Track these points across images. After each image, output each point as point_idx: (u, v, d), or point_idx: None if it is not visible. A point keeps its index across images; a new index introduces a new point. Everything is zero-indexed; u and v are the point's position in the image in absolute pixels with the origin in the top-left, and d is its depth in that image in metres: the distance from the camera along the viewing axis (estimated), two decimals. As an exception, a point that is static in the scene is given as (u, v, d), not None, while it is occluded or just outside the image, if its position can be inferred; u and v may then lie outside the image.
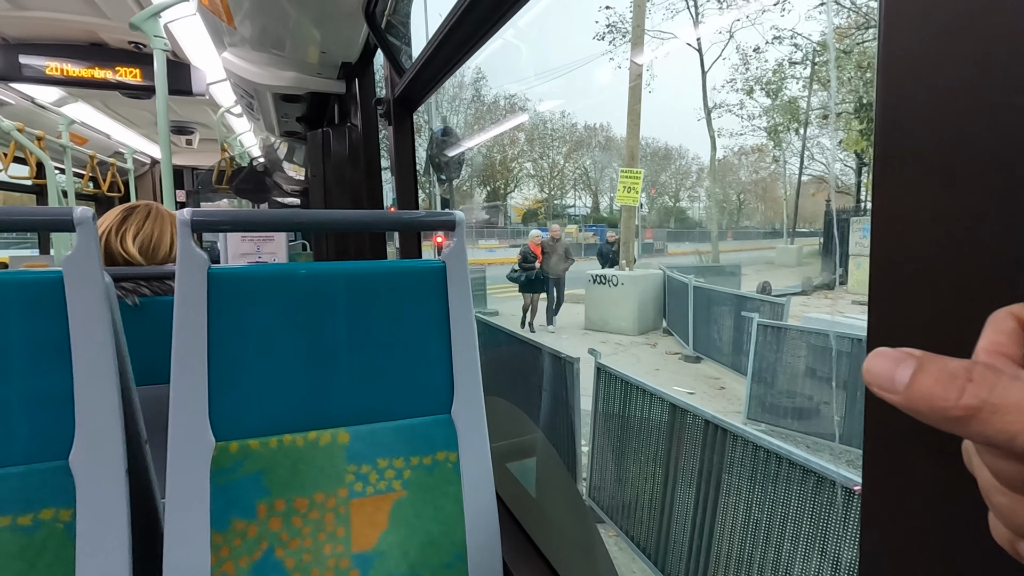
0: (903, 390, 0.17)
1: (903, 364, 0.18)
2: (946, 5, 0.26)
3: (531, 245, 8.42)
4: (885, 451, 0.32)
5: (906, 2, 0.28)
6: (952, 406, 0.16)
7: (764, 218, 35.51)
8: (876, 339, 0.31)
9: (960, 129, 0.26)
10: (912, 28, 0.28)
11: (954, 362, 0.17)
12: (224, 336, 0.72)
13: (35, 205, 4.32)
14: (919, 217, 0.28)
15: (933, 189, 0.28)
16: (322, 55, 1.97)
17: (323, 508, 0.75)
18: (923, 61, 0.27)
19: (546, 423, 3.12)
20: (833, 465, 2.00)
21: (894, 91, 0.29)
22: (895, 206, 0.30)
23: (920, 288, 0.29)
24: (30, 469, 0.65)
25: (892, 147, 0.30)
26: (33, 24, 2.46)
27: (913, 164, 0.29)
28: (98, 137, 4.34)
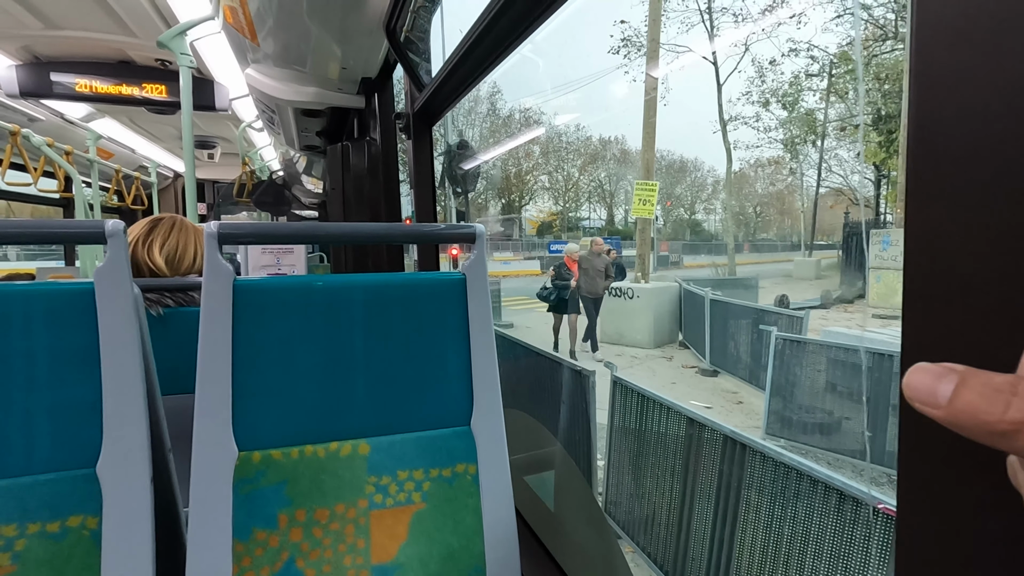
0: (946, 404, 0.17)
1: (945, 379, 0.17)
2: (979, 23, 0.26)
3: (567, 260, 7.54)
4: (921, 470, 0.32)
5: (939, 20, 0.28)
6: (998, 420, 0.16)
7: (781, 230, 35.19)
8: (910, 355, 0.31)
9: (993, 145, 0.26)
10: (945, 45, 0.28)
11: (998, 377, 0.17)
12: (248, 346, 0.73)
13: (62, 217, 4.42)
14: (952, 232, 0.28)
15: (966, 204, 0.28)
16: (343, 71, 2.01)
17: (343, 519, 0.75)
18: (956, 78, 0.27)
19: (562, 436, 3.10)
20: (856, 482, 1.96)
21: (927, 107, 0.29)
22: (928, 221, 0.30)
23: (955, 304, 0.29)
24: (59, 477, 0.66)
25: (925, 162, 0.29)
26: (64, 43, 2.54)
27: (946, 179, 0.28)
28: (123, 151, 4.45)
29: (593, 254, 7.50)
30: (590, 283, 7.39)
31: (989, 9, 0.26)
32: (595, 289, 7.41)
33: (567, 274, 7.42)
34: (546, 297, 7.55)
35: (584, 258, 7.49)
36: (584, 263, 7.41)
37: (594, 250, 7.53)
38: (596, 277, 7.38)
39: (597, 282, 7.42)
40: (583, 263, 7.42)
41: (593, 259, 7.44)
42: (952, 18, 0.27)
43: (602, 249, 7.57)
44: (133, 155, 4.63)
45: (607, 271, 7.46)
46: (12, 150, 2.76)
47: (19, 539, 0.63)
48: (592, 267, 7.38)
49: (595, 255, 7.48)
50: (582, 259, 7.47)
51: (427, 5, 1.59)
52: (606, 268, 7.43)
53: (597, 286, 7.44)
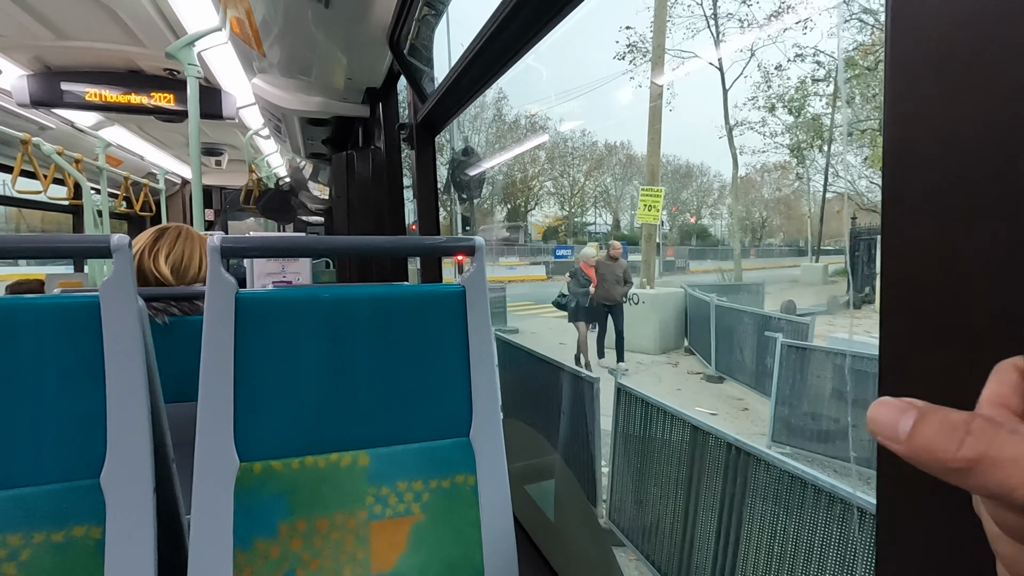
0: (905, 440, 0.18)
1: (906, 414, 0.18)
2: (949, 58, 0.27)
3: (583, 266, 7.09)
4: (898, 472, 0.32)
5: (912, 55, 0.29)
6: (951, 458, 0.17)
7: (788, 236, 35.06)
8: (888, 378, 0.32)
9: (968, 178, 0.27)
10: (918, 78, 0.28)
11: (955, 414, 0.17)
12: (250, 358, 0.74)
13: (71, 224, 4.47)
14: (929, 262, 0.29)
15: (943, 234, 0.28)
16: (348, 81, 2.03)
17: (343, 529, 0.76)
18: (930, 113, 0.28)
19: (565, 444, 3.09)
20: (861, 491, 1.95)
21: (901, 139, 0.30)
22: (905, 250, 0.30)
23: (930, 327, 0.29)
24: (64, 487, 0.67)
25: (901, 195, 0.30)
26: (75, 53, 2.57)
27: (922, 210, 0.29)
28: (132, 159, 4.50)
29: (610, 259, 7.07)
30: (606, 289, 7.01)
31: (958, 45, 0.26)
32: (611, 296, 7.03)
33: (585, 280, 7.05)
34: (564, 305, 7.15)
35: (601, 263, 7.07)
36: (601, 268, 7.02)
37: (611, 254, 7.11)
38: (613, 283, 7.01)
39: (614, 288, 7.03)
40: (600, 268, 7.02)
41: (610, 264, 7.04)
42: (925, 54, 0.28)
43: (617, 253, 7.14)
44: (142, 162, 4.68)
45: (624, 276, 7.07)
46: (23, 158, 2.80)
47: (24, 548, 0.65)
48: (609, 272, 7.00)
49: (612, 260, 7.06)
50: (599, 264, 7.05)
51: (430, 17, 1.61)
52: (624, 273, 7.05)
53: (614, 292, 7.04)
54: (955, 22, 0.26)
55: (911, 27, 0.29)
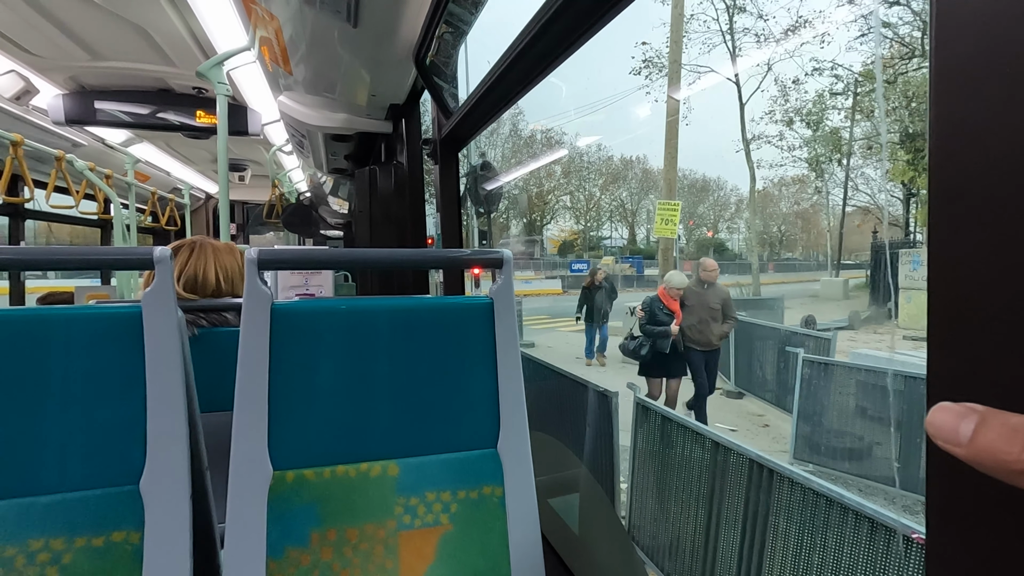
0: (967, 443, 0.18)
1: (966, 418, 0.18)
2: (994, 72, 0.27)
3: (662, 295, 5.02)
4: (950, 498, 0.32)
5: (956, 68, 0.29)
6: (1015, 459, 0.17)
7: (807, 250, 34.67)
8: (937, 384, 0.32)
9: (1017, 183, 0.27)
10: (963, 93, 0.29)
11: (1016, 417, 0.18)
12: (284, 368, 0.76)
13: (99, 238, 4.58)
14: (977, 263, 0.29)
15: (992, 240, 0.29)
16: (371, 98, 2.07)
17: (373, 540, 0.76)
18: (977, 118, 0.29)
19: (586, 458, 3.07)
20: (887, 509, 1.91)
21: (947, 147, 0.30)
22: (953, 250, 0.31)
23: (981, 332, 0.29)
24: (105, 493, 0.69)
25: (948, 202, 0.31)
26: (108, 73, 2.66)
27: (968, 216, 0.29)
28: (159, 174, 4.61)
29: (701, 284, 5.13)
30: (699, 329, 5.04)
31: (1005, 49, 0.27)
32: (706, 337, 5.05)
33: (665, 316, 4.97)
34: (635, 351, 5.09)
35: (690, 291, 5.11)
36: (689, 298, 5.07)
37: (703, 278, 5.13)
38: (708, 319, 5.03)
39: (710, 327, 5.04)
40: (688, 299, 5.07)
41: (702, 293, 5.09)
42: (969, 66, 0.29)
43: (712, 276, 5.14)
44: (168, 178, 4.79)
45: (724, 310, 5.07)
46: (57, 174, 2.88)
47: (67, 552, 0.66)
48: (701, 304, 5.05)
49: (705, 286, 5.12)
50: (688, 293, 5.10)
51: (455, 34, 1.64)
52: (723, 305, 5.07)
53: (709, 333, 5.05)
54: (1001, 26, 0.27)
55: (956, 32, 0.29)
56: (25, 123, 2.84)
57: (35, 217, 3.59)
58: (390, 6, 1.34)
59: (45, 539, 0.66)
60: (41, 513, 0.66)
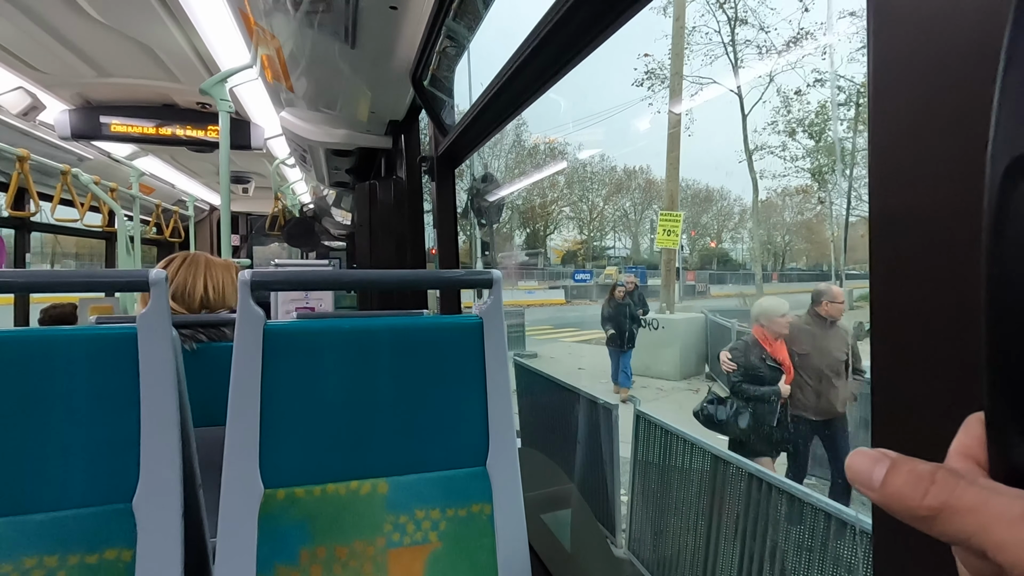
0: (878, 488, 0.19)
1: (879, 463, 0.20)
2: (930, 74, 0.29)
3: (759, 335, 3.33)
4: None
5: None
6: (917, 505, 0.18)
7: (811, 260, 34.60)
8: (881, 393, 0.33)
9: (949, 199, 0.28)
10: (900, 91, 0.31)
11: (923, 465, 0.19)
12: (276, 388, 0.77)
13: (104, 249, 4.63)
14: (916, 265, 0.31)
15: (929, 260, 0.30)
16: (371, 114, 2.10)
17: (362, 557, 0.77)
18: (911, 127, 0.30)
19: (582, 473, 3.07)
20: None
21: (884, 164, 0.32)
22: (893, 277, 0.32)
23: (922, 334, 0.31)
24: (98, 511, 0.70)
25: (887, 222, 0.32)
26: (114, 89, 2.71)
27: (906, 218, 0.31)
28: (163, 187, 4.66)
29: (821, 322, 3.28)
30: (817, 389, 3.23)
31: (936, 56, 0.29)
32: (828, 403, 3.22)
33: (770, 368, 3.26)
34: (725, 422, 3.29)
35: (802, 330, 3.35)
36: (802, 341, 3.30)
37: (826, 313, 3.25)
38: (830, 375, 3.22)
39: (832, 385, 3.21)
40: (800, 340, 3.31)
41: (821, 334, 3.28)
42: (904, 66, 0.30)
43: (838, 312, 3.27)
44: (172, 190, 4.85)
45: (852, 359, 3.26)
46: (62, 188, 2.93)
47: (60, 569, 0.67)
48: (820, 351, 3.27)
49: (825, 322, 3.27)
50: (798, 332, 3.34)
51: (452, 53, 1.67)
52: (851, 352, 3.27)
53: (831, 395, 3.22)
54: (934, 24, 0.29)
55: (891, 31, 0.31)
56: (32, 138, 2.88)
57: (41, 230, 3.63)
58: (386, 27, 1.37)
59: (39, 556, 0.67)
60: (35, 531, 0.68)
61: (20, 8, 1.88)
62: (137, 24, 2.03)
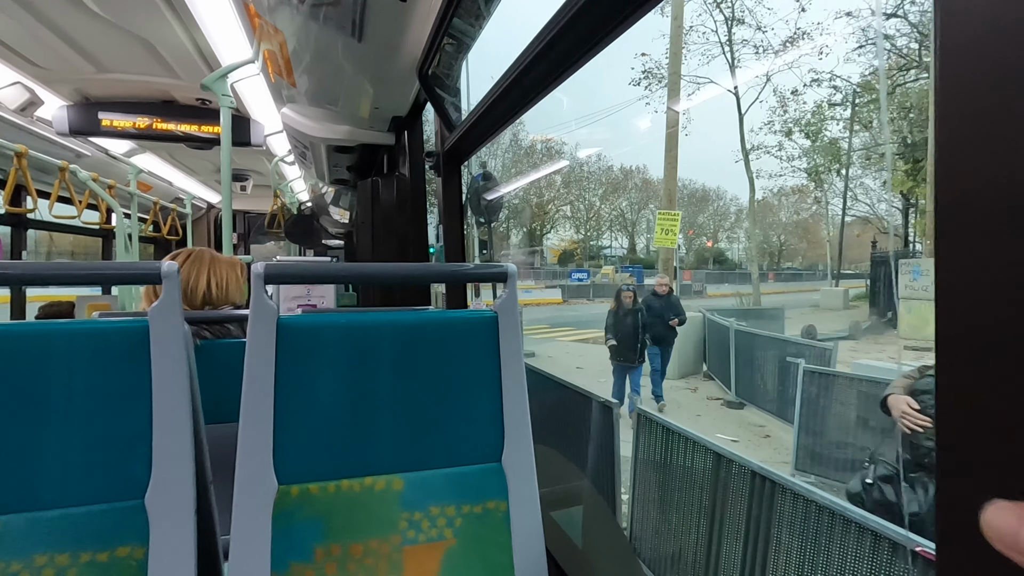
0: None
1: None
2: (1003, 74, 0.28)
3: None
4: (960, 514, 0.32)
5: (962, 72, 0.30)
6: None
7: (807, 260, 34.70)
8: (946, 400, 0.32)
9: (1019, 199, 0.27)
10: (970, 96, 0.30)
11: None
12: (289, 382, 0.76)
13: (101, 247, 4.59)
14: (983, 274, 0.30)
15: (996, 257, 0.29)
16: (374, 110, 2.09)
17: (376, 555, 0.76)
18: (982, 126, 0.29)
19: (589, 471, 3.06)
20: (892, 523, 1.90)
21: (953, 156, 0.31)
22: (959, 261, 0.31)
23: (989, 343, 0.30)
24: (109, 508, 0.69)
25: (955, 213, 0.31)
26: (113, 85, 2.68)
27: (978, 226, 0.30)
28: (161, 184, 4.63)
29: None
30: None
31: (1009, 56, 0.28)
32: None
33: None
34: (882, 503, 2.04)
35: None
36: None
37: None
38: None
39: None
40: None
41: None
42: (973, 76, 0.29)
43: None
44: (170, 188, 4.81)
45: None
46: (60, 185, 2.90)
47: (71, 568, 0.66)
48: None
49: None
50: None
51: (458, 49, 1.66)
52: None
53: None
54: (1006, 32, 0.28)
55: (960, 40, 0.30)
56: (29, 134, 2.85)
57: (37, 227, 3.60)
58: (394, 21, 1.36)
59: (50, 554, 0.66)
60: (46, 528, 0.66)
61: (18, 2, 1.86)
62: (137, 19, 2.01)
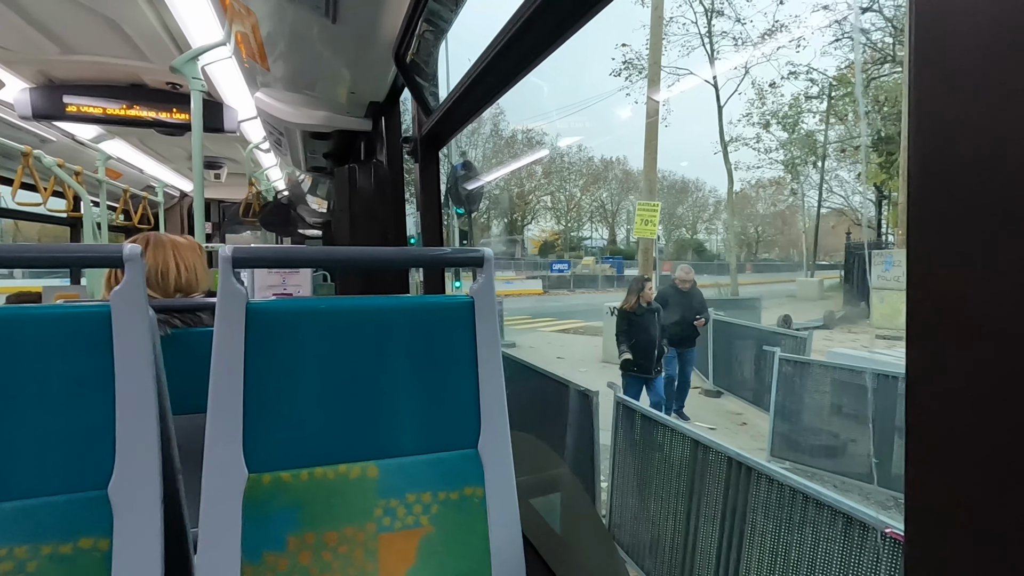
0: None
1: None
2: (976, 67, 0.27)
3: None
4: (929, 497, 0.32)
5: (936, 65, 0.29)
6: None
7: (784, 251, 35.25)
8: (915, 386, 0.32)
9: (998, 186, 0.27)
10: (939, 94, 0.29)
11: None
12: (260, 369, 0.74)
13: (69, 237, 4.46)
14: (955, 264, 0.29)
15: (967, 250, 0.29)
16: (351, 95, 2.05)
17: (352, 543, 0.75)
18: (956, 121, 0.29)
19: (567, 458, 3.08)
20: (863, 506, 1.94)
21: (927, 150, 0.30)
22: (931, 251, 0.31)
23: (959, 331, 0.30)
24: (71, 499, 0.66)
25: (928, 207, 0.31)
26: (79, 67, 2.59)
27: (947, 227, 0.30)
28: (132, 171, 4.50)
29: None
30: None
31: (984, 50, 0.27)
32: None
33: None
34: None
35: None
36: None
37: None
38: None
39: None
40: None
41: None
42: (949, 63, 0.29)
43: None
44: (141, 175, 4.69)
45: None
46: (23, 171, 2.80)
47: (31, 561, 0.64)
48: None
49: None
50: None
51: (435, 32, 1.63)
52: None
53: None
54: (981, 26, 0.27)
55: (935, 34, 0.30)
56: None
57: (1, 215, 3.48)
58: (370, 1, 1.33)
59: (9, 547, 0.63)
60: (5, 520, 0.64)
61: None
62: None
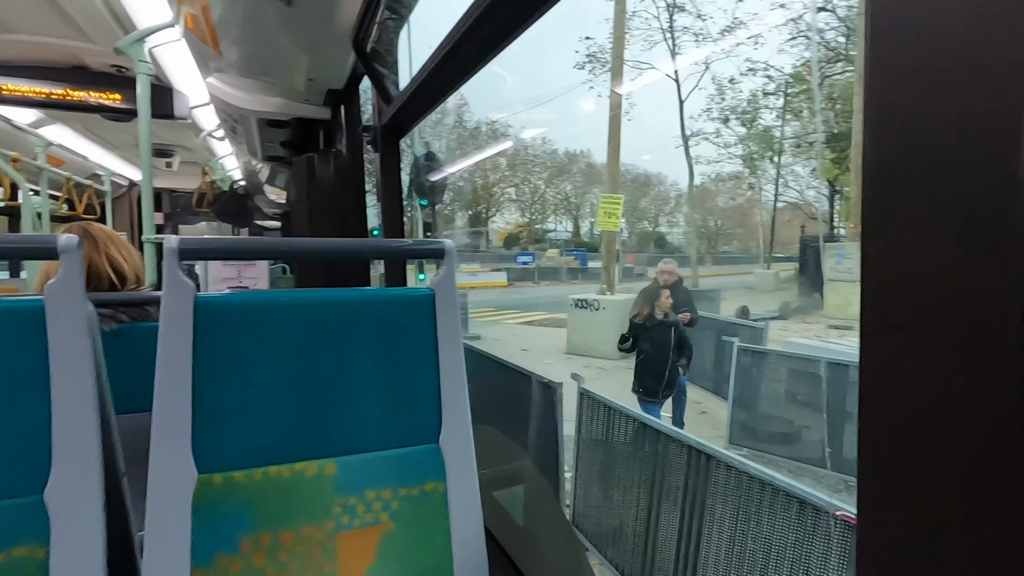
0: None
1: None
2: (931, 59, 0.28)
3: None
4: (880, 481, 0.33)
5: (891, 56, 0.29)
6: None
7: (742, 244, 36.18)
8: (868, 379, 0.32)
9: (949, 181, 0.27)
10: (897, 81, 0.29)
11: None
12: (209, 365, 0.71)
13: (7, 227, 4.22)
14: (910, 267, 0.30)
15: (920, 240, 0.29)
16: (309, 82, 1.99)
17: (309, 542, 0.73)
18: (909, 115, 0.29)
19: (530, 450, 3.09)
20: (816, 490, 2.01)
21: (881, 140, 0.30)
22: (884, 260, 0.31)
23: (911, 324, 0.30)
24: (3, 505, 0.62)
25: (879, 195, 0.31)
26: (14, 46, 2.44)
27: (899, 210, 0.30)
28: (75, 159, 4.29)
29: None
30: None
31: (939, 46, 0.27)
32: None
33: None
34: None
35: None
36: None
37: None
38: None
39: None
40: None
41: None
42: (904, 54, 0.29)
43: None
44: (86, 163, 4.46)
45: None
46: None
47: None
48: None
49: None
50: None
51: (395, 20, 1.59)
52: None
53: None
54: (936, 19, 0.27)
55: (889, 32, 0.30)
56: (-85, 99, 2.57)
57: (-70, 203, 3.27)
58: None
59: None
60: None
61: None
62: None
